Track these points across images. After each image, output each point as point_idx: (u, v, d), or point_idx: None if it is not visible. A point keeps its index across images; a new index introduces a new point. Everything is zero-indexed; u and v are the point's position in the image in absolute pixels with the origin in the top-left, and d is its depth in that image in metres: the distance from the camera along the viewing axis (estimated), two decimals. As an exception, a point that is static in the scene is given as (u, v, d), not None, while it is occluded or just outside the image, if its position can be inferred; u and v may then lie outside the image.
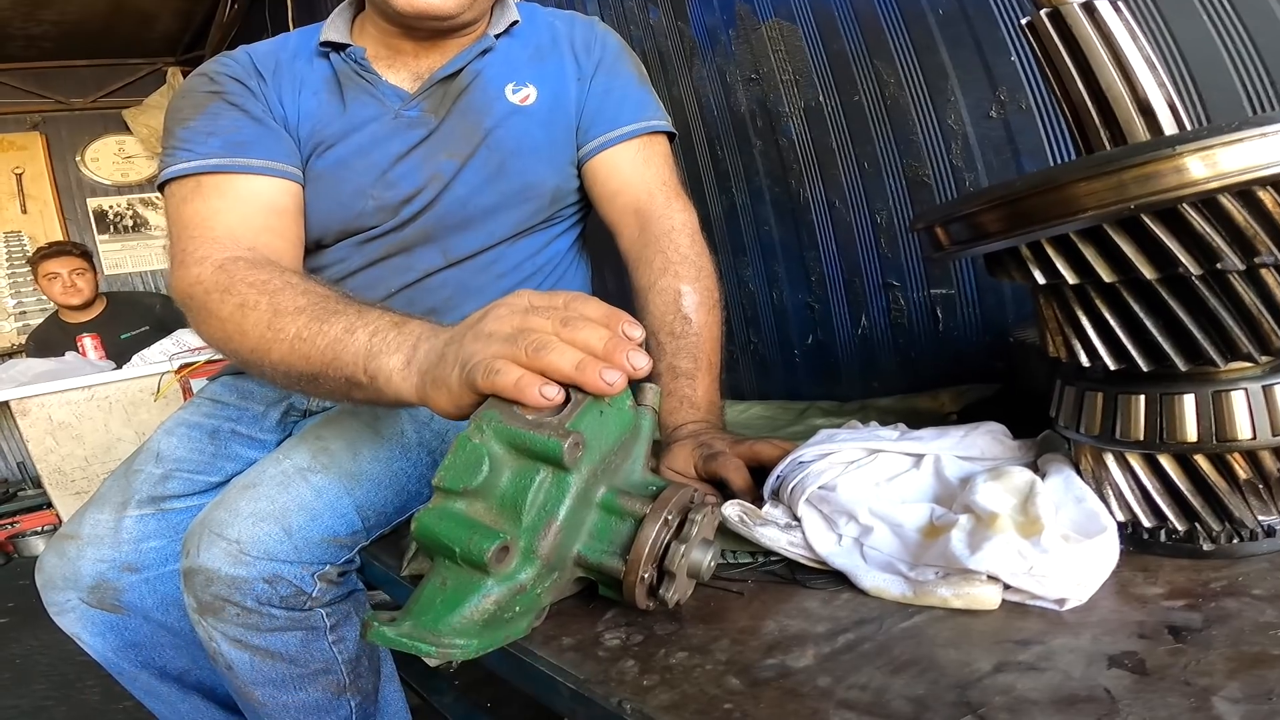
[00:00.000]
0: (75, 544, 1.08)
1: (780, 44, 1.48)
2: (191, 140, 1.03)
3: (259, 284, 0.86)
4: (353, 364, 0.74)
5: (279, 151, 1.06)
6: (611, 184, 1.16)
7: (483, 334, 0.62)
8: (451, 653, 0.57)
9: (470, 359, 0.61)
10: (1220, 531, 0.58)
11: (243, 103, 1.08)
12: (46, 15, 4.40)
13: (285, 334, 0.80)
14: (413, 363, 0.69)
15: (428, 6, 1.05)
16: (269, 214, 1.03)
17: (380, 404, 0.76)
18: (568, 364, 0.58)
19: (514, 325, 0.61)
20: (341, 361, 0.75)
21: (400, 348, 0.71)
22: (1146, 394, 0.58)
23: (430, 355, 0.67)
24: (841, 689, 0.50)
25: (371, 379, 0.72)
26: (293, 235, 1.06)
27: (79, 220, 5.28)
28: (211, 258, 0.92)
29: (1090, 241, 0.53)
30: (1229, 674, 0.44)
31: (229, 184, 1.01)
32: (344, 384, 0.75)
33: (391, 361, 0.70)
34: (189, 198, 1.01)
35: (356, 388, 0.74)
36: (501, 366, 0.58)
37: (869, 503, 0.68)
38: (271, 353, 0.81)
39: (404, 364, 0.69)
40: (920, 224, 0.63)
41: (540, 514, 0.60)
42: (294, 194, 1.07)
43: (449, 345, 0.65)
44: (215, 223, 0.98)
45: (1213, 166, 0.47)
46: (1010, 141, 1.16)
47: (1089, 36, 0.54)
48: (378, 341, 0.72)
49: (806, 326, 1.60)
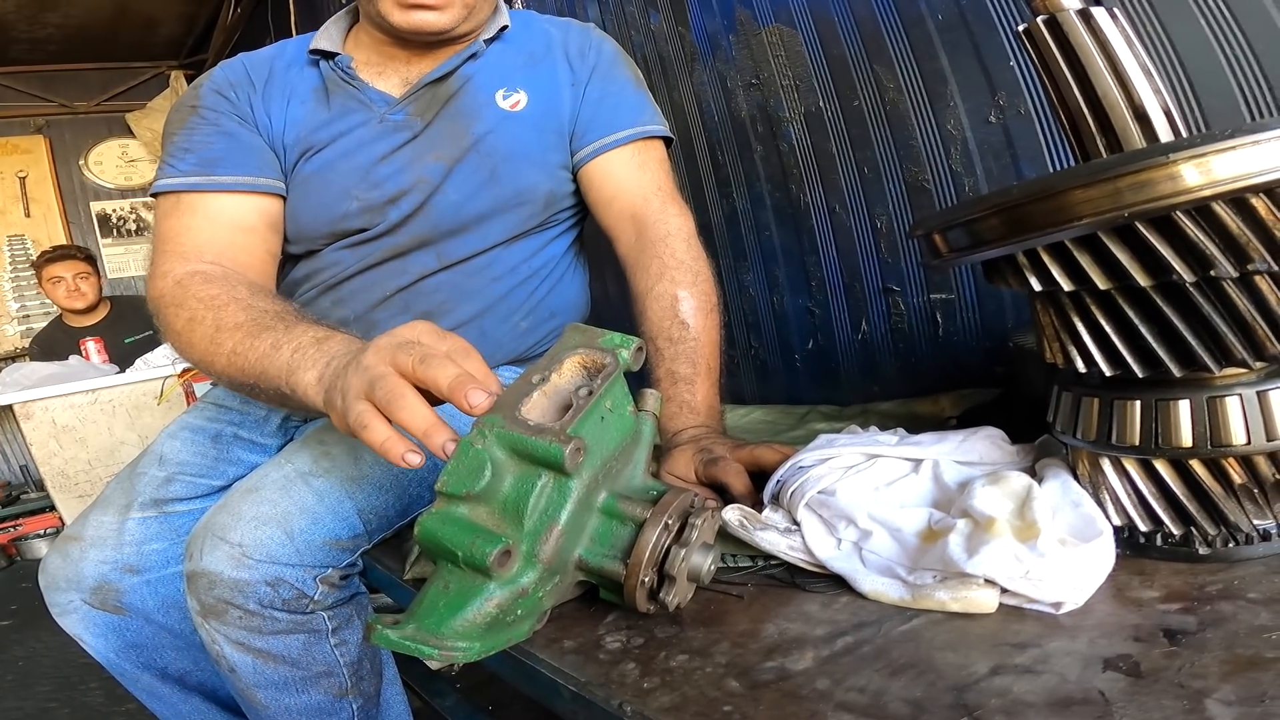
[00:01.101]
0: (78, 545, 1.09)
1: (780, 49, 1.48)
2: (174, 156, 1.10)
3: (207, 299, 0.93)
4: (277, 377, 0.81)
5: (249, 165, 1.11)
6: (607, 189, 1.16)
7: (359, 368, 0.68)
8: (454, 655, 0.58)
9: (346, 393, 0.68)
10: (1215, 536, 0.58)
11: (217, 119, 1.12)
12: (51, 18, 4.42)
13: (224, 348, 0.88)
14: (323, 379, 0.76)
15: (423, 23, 1.08)
16: (235, 231, 1.08)
17: (310, 413, 0.84)
18: (419, 421, 0.63)
19: (377, 371, 0.66)
20: (269, 375, 0.82)
21: (315, 364, 0.78)
22: (1142, 400, 0.59)
23: (333, 374, 0.74)
24: (840, 691, 0.51)
25: (292, 391, 0.79)
26: (259, 250, 1.10)
27: (82, 224, 5.29)
28: (173, 273, 0.99)
29: (1086, 249, 0.53)
30: (1223, 676, 0.45)
31: (200, 202, 1.08)
32: (276, 394, 0.83)
33: (307, 377, 0.77)
34: (169, 213, 1.08)
35: (286, 398, 0.82)
36: (369, 422, 0.65)
37: (868, 507, 0.69)
38: (214, 364, 0.90)
39: (316, 380, 0.76)
40: (919, 231, 0.63)
41: (542, 518, 0.60)
42: (262, 210, 1.11)
43: (345, 369, 0.71)
44: (184, 239, 1.05)
45: (1207, 174, 0.47)
46: (1009, 147, 1.16)
47: (1085, 44, 0.54)
48: (297, 358, 0.80)
49: (807, 331, 1.60)
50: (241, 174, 1.09)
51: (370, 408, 0.65)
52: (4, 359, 4.92)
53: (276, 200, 1.13)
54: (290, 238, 1.16)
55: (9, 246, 5.05)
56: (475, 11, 1.12)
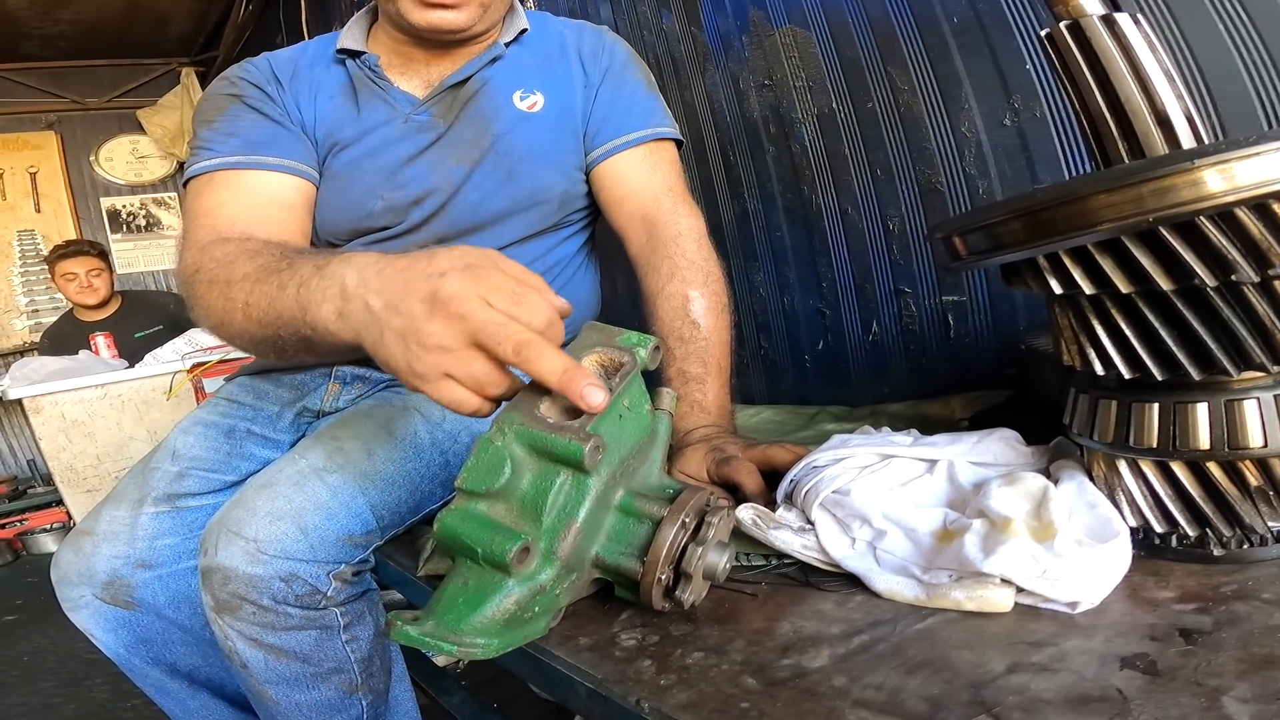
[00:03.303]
0: (91, 540, 1.09)
1: (794, 50, 1.49)
2: (213, 140, 1.08)
3: (220, 258, 0.88)
4: (294, 320, 0.74)
5: (295, 151, 1.11)
6: (619, 190, 1.17)
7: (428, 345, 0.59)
8: (472, 651, 0.58)
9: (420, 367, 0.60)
10: (1231, 537, 0.59)
11: (261, 106, 1.13)
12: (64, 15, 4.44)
13: (237, 303, 0.82)
14: (344, 316, 0.67)
15: (441, 21, 1.08)
16: (271, 206, 1.06)
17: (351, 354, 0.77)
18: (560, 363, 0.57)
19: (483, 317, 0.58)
20: (285, 320, 0.75)
21: (326, 296, 0.69)
22: (1160, 402, 0.59)
23: (363, 318, 0.65)
24: (857, 688, 0.51)
25: (314, 329, 0.72)
26: (295, 227, 1.09)
27: (92, 219, 5.31)
28: (200, 242, 0.96)
29: (1108, 253, 0.53)
30: (1239, 675, 0.45)
31: (238, 179, 1.06)
32: (303, 341, 0.75)
33: (323, 312, 0.69)
34: (201, 192, 1.06)
35: (312, 342, 0.74)
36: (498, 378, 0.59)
37: (882, 507, 0.69)
38: (234, 324, 0.83)
39: (335, 315, 0.68)
40: (938, 234, 0.64)
41: (560, 516, 0.61)
42: (303, 191, 1.11)
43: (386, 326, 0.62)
44: (218, 213, 1.03)
45: (1229, 180, 0.48)
46: (1024, 149, 1.16)
47: (1108, 49, 0.55)
48: (304, 294, 0.72)
49: (817, 332, 1.60)
50: (288, 157, 1.10)
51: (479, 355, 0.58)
52: (13, 353, 4.94)
53: (314, 189, 1.14)
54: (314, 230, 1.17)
55: (19, 241, 5.07)
56: (490, 10, 1.13)
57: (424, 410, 1.06)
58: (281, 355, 0.83)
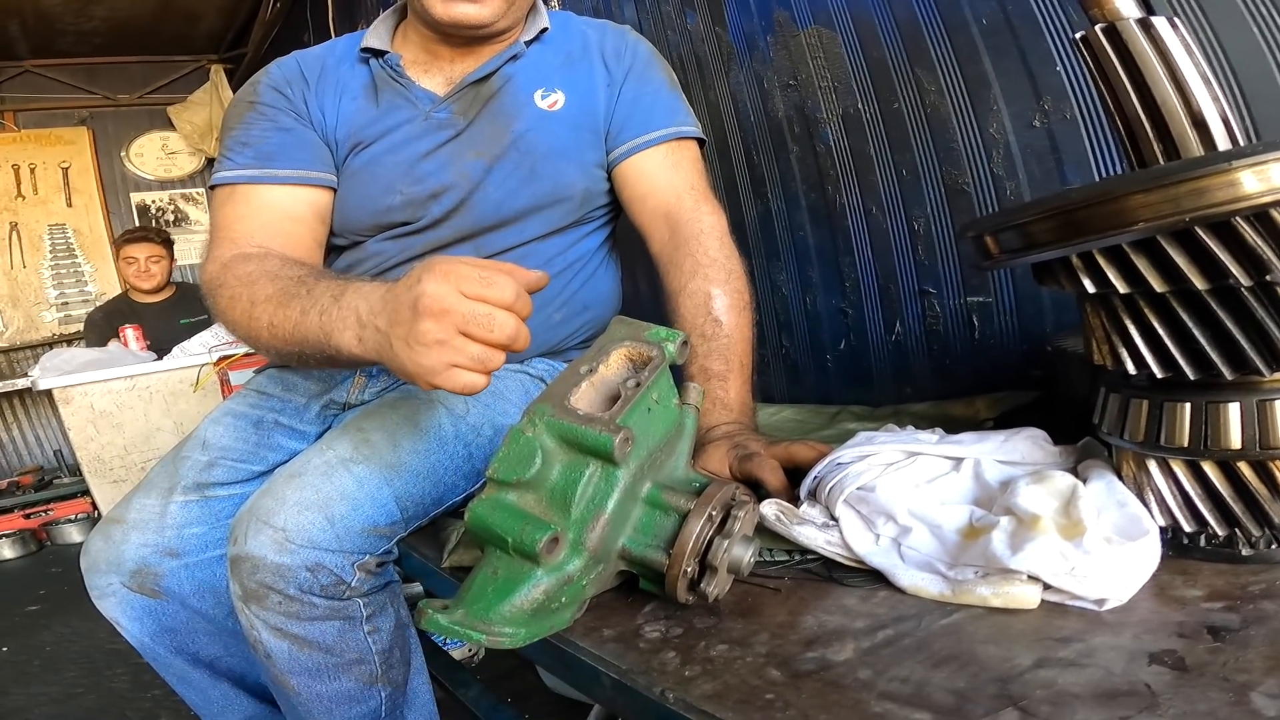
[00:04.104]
0: (121, 528, 1.11)
1: (819, 51, 1.49)
2: (232, 150, 1.14)
3: (243, 276, 0.96)
4: (318, 343, 0.83)
5: (304, 159, 1.15)
6: (641, 188, 1.18)
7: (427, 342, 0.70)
8: (501, 640, 0.59)
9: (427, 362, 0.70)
10: (1260, 537, 0.59)
11: (274, 115, 1.17)
12: (97, 11, 4.50)
13: (261, 322, 0.90)
14: (363, 341, 0.78)
15: (463, 16, 1.10)
16: (284, 220, 1.12)
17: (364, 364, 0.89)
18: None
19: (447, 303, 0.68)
20: (309, 342, 0.84)
21: (346, 325, 0.80)
22: (1192, 402, 0.59)
23: (376, 340, 0.76)
24: (883, 681, 0.51)
25: (338, 351, 0.81)
26: (306, 238, 1.14)
27: (122, 214, 5.39)
28: (222, 257, 1.03)
29: (1142, 252, 0.53)
30: (1267, 671, 0.45)
31: (254, 193, 1.12)
32: (326, 359, 0.85)
33: (344, 339, 0.80)
34: (224, 203, 1.13)
35: (337, 360, 0.84)
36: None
37: (908, 504, 0.69)
38: (259, 339, 0.92)
39: (356, 341, 0.79)
40: (970, 233, 0.64)
41: (589, 507, 0.61)
42: (312, 201, 1.16)
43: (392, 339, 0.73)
44: (237, 227, 1.09)
45: (1265, 181, 0.48)
46: (1054, 151, 1.16)
47: (1145, 52, 0.55)
48: (326, 321, 0.82)
49: (840, 331, 1.60)
50: (295, 168, 1.14)
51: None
52: (42, 345, 5.02)
53: (327, 193, 1.17)
54: (336, 229, 1.19)
55: (50, 235, 5.15)
56: (514, 7, 1.14)
57: (448, 403, 1.08)
58: (305, 365, 0.94)
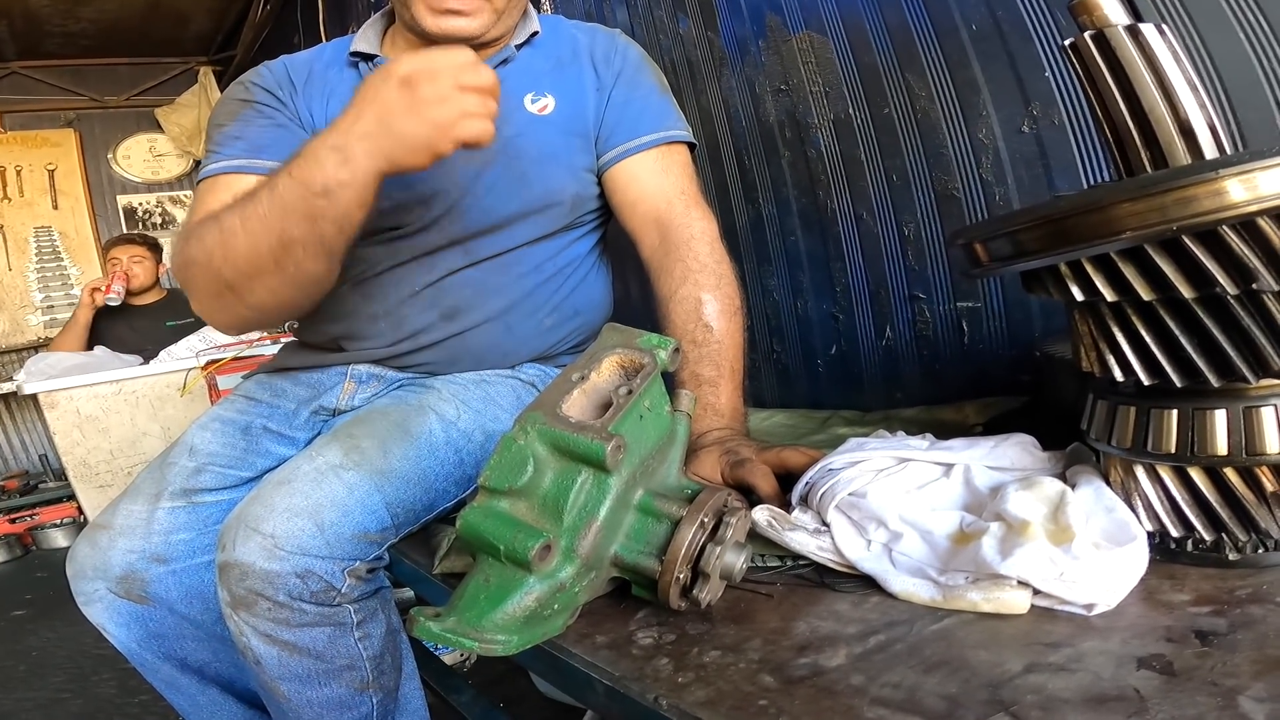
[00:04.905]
0: (107, 534, 1.10)
1: (811, 56, 1.49)
2: (222, 143, 1.13)
3: (206, 219, 0.97)
4: (300, 202, 0.86)
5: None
6: (631, 193, 1.18)
7: (432, 100, 0.81)
8: (493, 648, 0.59)
9: (439, 117, 0.82)
10: (1246, 542, 0.59)
11: (271, 113, 1.17)
12: (85, 13, 4.47)
13: (231, 225, 0.92)
14: (350, 159, 0.84)
15: (454, 29, 1.10)
16: None
17: (363, 197, 0.89)
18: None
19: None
20: (289, 208, 0.87)
21: (321, 162, 0.85)
22: (1179, 409, 0.59)
23: (367, 146, 0.83)
24: (875, 687, 0.52)
25: (327, 194, 0.85)
26: None
27: (109, 217, 5.34)
28: (189, 224, 1.03)
29: (1130, 261, 0.54)
30: (1254, 675, 0.46)
31: (240, 182, 1.10)
32: (313, 224, 0.88)
33: (327, 173, 0.84)
34: (207, 191, 1.11)
35: (324, 213, 0.87)
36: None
37: (899, 509, 0.69)
38: (233, 246, 0.92)
39: (341, 163, 0.84)
40: (959, 240, 0.64)
41: (581, 514, 0.61)
42: None
43: (391, 125, 0.82)
44: (216, 210, 1.06)
45: (1253, 190, 0.48)
46: (1042, 157, 1.17)
47: (1133, 60, 0.55)
48: (299, 175, 0.86)
49: (830, 336, 1.61)
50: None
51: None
52: (28, 348, 4.98)
53: None
54: None
55: (35, 238, 5.11)
56: (505, 17, 1.14)
57: (439, 409, 1.07)
58: (286, 257, 0.91)
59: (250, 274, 0.94)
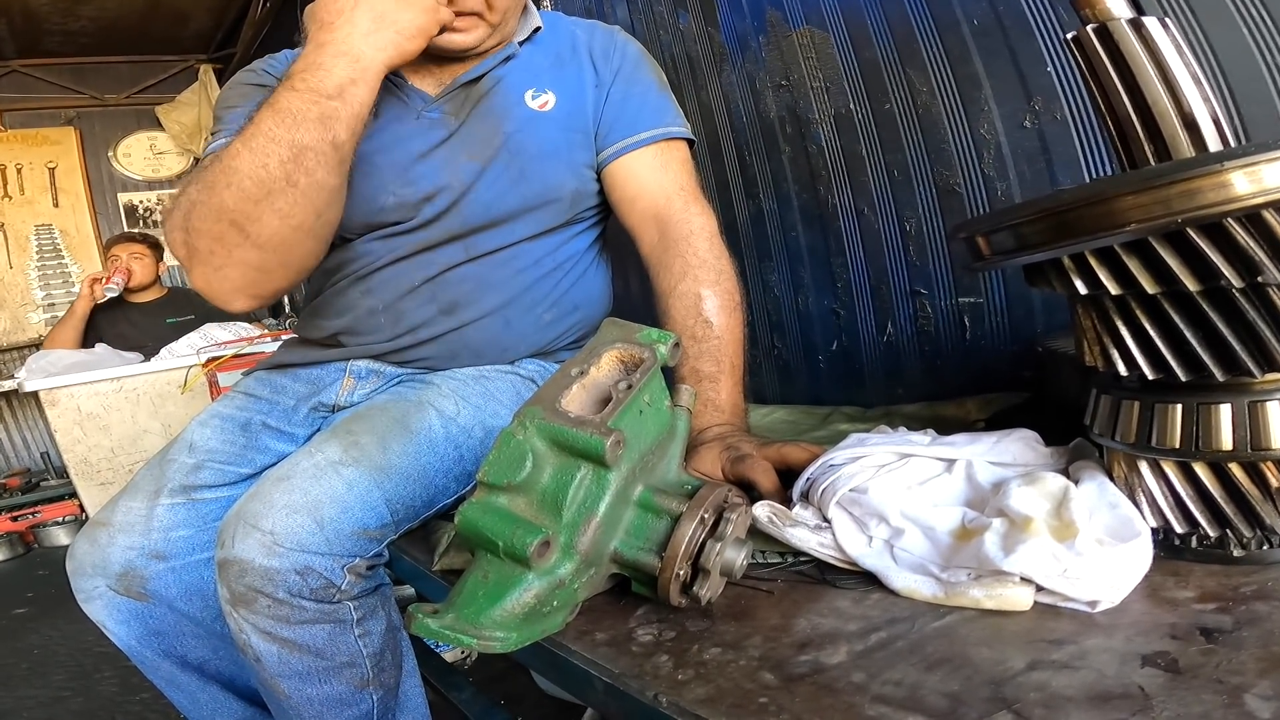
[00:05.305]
0: (107, 531, 1.09)
1: (811, 51, 1.49)
2: (231, 122, 1.11)
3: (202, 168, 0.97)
4: (315, 105, 0.90)
5: None
6: (630, 189, 1.18)
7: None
8: (492, 645, 0.58)
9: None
10: (1251, 538, 0.59)
11: None
12: (85, 11, 4.46)
13: (235, 153, 0.92)
14: (358, 59, 0.92)
15: (449, 43, 1.11)
16: None
17: (371, 96, 0.96)
18: None
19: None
20: (299, 118, 0.90)
21: (328, 68, 0.92)
22: (1183, 403, 0.59)
23: (373, 40, 0.94)
24: (876, 684, 0.51)
25: (343, 92, 0.91)
26: None
27: (109, 215, 5.34)
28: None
29: (1134, 254, 0.53)
30: (1260, 673, 0.46)
31: None
32: (325, 128, 0.92)
33: (336, 76, 0.91)
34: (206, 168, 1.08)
35: (340, 115, 0.92)
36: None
37: (900, 505, 0.69)
38: (237, 170, 0.92)
39: (351, 61, 0.92)
40: (961, 234, 0.64)
41: (580, 510, 0.61)
42: None
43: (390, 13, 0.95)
44: None
45: (1257, 182, 0.48)
46: (1044, 151, 1.16)
47: (1136, 53, 0.55)
48: (307, 85, 0.91)
49: (831, 332, 1.60)
50: None
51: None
52: (28, 346, 4.98)
53: None
54: None
55: (36, 236, 5.11)
56: (501, 27, 1.15)
57: (438, 405, 1.07)
58: (297, 169, 0.92)
59: (258, 196, 0.91)
